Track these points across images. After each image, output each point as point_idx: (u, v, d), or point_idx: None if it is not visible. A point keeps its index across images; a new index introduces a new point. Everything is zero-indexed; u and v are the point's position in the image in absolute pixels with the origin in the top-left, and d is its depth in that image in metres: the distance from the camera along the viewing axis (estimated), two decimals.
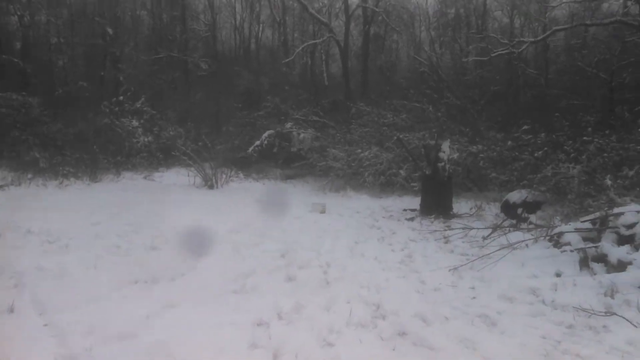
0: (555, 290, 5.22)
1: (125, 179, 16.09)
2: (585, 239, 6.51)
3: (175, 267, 6.07)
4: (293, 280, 5.94)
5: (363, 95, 23.15)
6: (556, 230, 6.97)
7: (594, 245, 6.00)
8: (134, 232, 8.03)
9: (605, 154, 9.67)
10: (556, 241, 6.76)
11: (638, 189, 9.16)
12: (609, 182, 8.90)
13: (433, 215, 10.58)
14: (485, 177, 13.18)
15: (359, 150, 15.65)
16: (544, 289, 5.25)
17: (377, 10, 24.89)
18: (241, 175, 18.38)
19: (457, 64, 23.67)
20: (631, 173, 9.33)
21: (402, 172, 14.72)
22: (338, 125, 18.24)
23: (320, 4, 27.81)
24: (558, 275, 5.81)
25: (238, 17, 30.57)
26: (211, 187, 14.46)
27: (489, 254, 6.75)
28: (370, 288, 5.69)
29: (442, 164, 10.76)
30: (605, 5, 18.89)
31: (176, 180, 16.19)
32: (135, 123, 19.26)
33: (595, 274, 5.67)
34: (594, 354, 3.87)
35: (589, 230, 6.75)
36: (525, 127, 12.99)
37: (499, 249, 7.05)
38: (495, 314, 4.75)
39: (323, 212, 11.14)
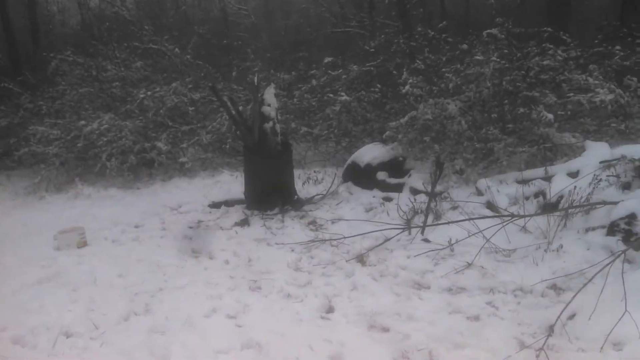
0: None
1: None
2: None
3: None
4: None
5: (37, 49, 16.76)
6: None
7: None
8: None
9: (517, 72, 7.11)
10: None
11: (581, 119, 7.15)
12: (549, 116, 6.55)
13: (276, 209, 6.72)
14: (292, 132, 9.67)
15: (82, 123, 10.17)
16: None
17: None
18: None
19: None
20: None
21: (160, 144, 10.06)
22: (31, 90, 11.84)
23: None
24: None
25: None
26: None
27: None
28: None
29: (270, 124, 6.85)
30: None
31: None
32: None
33: None
34: None
35: None
36: (328, 59, 9.84)
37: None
38: None
39: (82, 243, 6.06)
